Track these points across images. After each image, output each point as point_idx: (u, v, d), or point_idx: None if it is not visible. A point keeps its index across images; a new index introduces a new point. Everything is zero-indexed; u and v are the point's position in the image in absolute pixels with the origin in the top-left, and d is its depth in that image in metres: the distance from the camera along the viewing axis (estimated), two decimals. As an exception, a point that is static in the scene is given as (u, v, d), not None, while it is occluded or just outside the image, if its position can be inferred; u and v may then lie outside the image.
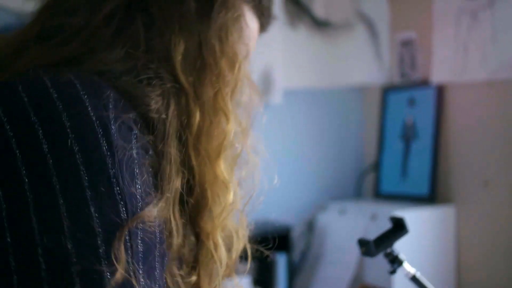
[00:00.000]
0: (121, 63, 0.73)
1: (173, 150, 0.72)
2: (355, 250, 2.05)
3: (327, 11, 2.38)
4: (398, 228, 1.10)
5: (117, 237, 0.62)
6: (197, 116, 0.75)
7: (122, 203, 0.64)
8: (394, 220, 1.11)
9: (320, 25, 2.37)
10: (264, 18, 0.90)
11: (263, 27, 0.91)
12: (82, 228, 0.61)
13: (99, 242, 0.61)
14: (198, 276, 0.80)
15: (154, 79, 0.73)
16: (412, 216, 1.94)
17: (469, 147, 2.04)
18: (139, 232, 0.65)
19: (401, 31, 2.33)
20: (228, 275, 0.85)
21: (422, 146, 2.15)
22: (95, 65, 0.72)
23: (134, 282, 0.62)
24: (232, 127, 0.78)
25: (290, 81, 2.29)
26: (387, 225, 1.95)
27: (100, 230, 0.62)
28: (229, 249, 0.83)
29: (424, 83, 2.20)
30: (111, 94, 0.68)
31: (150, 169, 0.69)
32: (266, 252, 0.88)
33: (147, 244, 0.65)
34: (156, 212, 0.67)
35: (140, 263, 0.64)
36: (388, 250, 1.09)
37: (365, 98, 2.51)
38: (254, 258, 0.87)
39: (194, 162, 0.75)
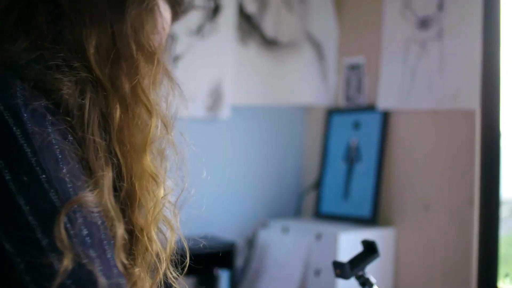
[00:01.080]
0: (27, 53, 0.70)
1: (96, 138, 0.70)
2: (299, 268, 2.07)
3: (277, 30, 2.41)
4: (369, 251, 1.12)
5: (56, 225, 0.59)
6: (117, 109, 0.73)
7: (52, 190, 0.61)
8: (366, 244, 1.13)
9: (269, 43, 2.40)
10: (178, 6, 0.89)
11: (177, 16, 0.89)
12: (15, 225, 0.58)
13: (39, 235, 0.58)
14: (139, 269, 0.78)
15: (65, 67, 0.71)
16: (353, 237, 1.99)
17: (411, 171, 2.11)
18: (79, 217, 0.61)
19: (350, 55, 2.38)
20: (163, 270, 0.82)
21: (366, 168, 2.21)
22: (0, 56, 0.69)
23: (89, 267, 0.59)
24: (155, 120, 0.76)
25: (238, 97, 2.30)
26: (331, 245, 1.99)
27: (36, 223, 0.58)
28: (164, 243, 0.81)
29: (370, 107, 2.26)
30: (18, 83, 0.65)
31: (74, 156, 0.66)
32: (210, 268, 0.86)
33: (91, 228, 0.62)
34: (93, 197, 0.64)
35: (89, 249, 0.61)
36: (360, 273, 1.11)
37: (309, 118, 2.55)
38: (197, 273, 0.86)
39: (119, 155, 0.74)
